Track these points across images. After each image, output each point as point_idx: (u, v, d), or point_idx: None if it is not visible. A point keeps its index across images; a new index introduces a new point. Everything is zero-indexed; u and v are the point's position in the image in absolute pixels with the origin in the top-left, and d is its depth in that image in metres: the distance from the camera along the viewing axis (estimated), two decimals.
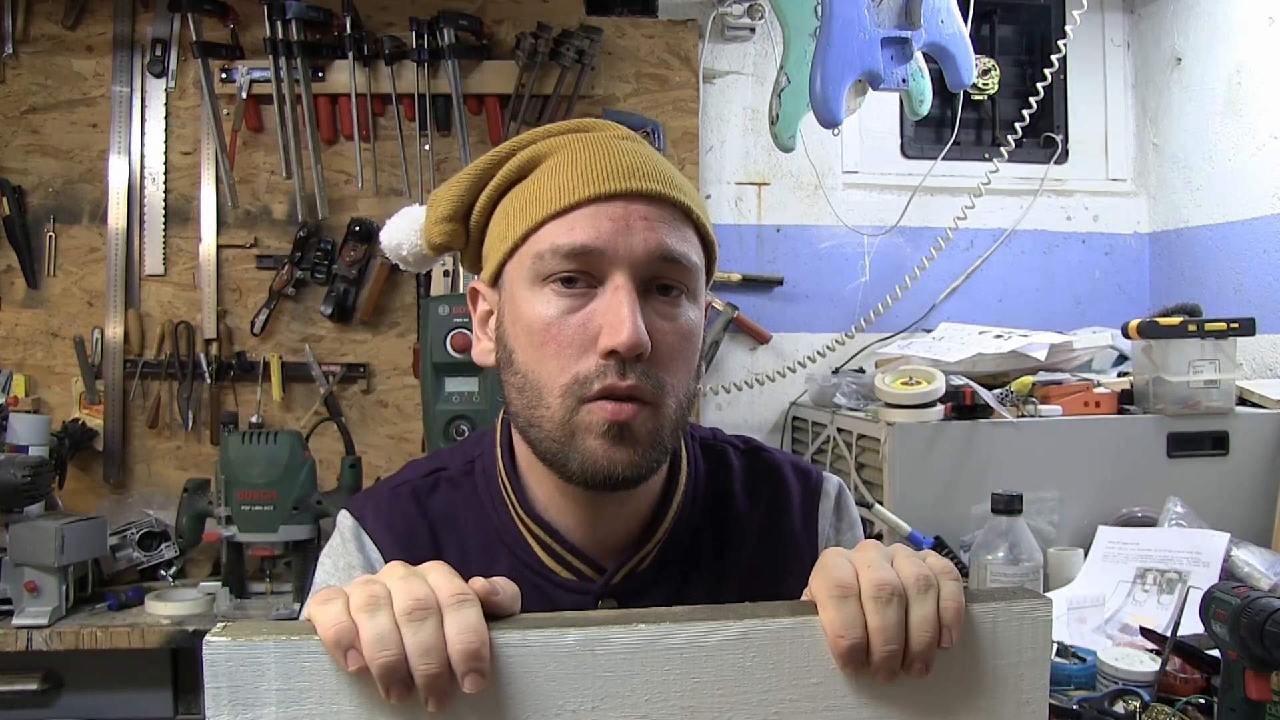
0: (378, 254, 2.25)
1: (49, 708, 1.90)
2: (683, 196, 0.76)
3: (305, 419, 2.23)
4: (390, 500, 0.86)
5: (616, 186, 0.73)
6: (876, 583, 0.59)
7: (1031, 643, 0.62)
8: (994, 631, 0.61)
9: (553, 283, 0.73)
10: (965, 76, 1.84)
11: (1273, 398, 1.87)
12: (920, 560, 0.62)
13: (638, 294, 0.73)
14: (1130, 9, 2.54)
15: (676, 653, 0.58)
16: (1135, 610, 1.53)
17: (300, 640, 0.55)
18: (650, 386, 0.72)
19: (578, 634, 0.57)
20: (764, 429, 2.38)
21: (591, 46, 2.21)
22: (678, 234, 0.75)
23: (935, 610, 0.59)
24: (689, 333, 0.76)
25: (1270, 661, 1.03)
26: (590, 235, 0.72)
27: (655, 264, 0.73)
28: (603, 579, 0.81)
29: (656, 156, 0.79)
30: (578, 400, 0.72)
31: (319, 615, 0.55)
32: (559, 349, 0.73)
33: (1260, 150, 2.15)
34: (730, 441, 0.93)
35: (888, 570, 0.60)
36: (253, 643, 0.54)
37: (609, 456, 0.72)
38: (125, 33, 2.21)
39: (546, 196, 0.75)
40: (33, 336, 2.21)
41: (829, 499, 0.91)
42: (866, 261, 2.43)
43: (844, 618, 0.58)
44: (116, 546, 2.05)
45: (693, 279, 0.76)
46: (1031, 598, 0.62)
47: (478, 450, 0.88)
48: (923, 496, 1.72)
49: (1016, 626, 0.62)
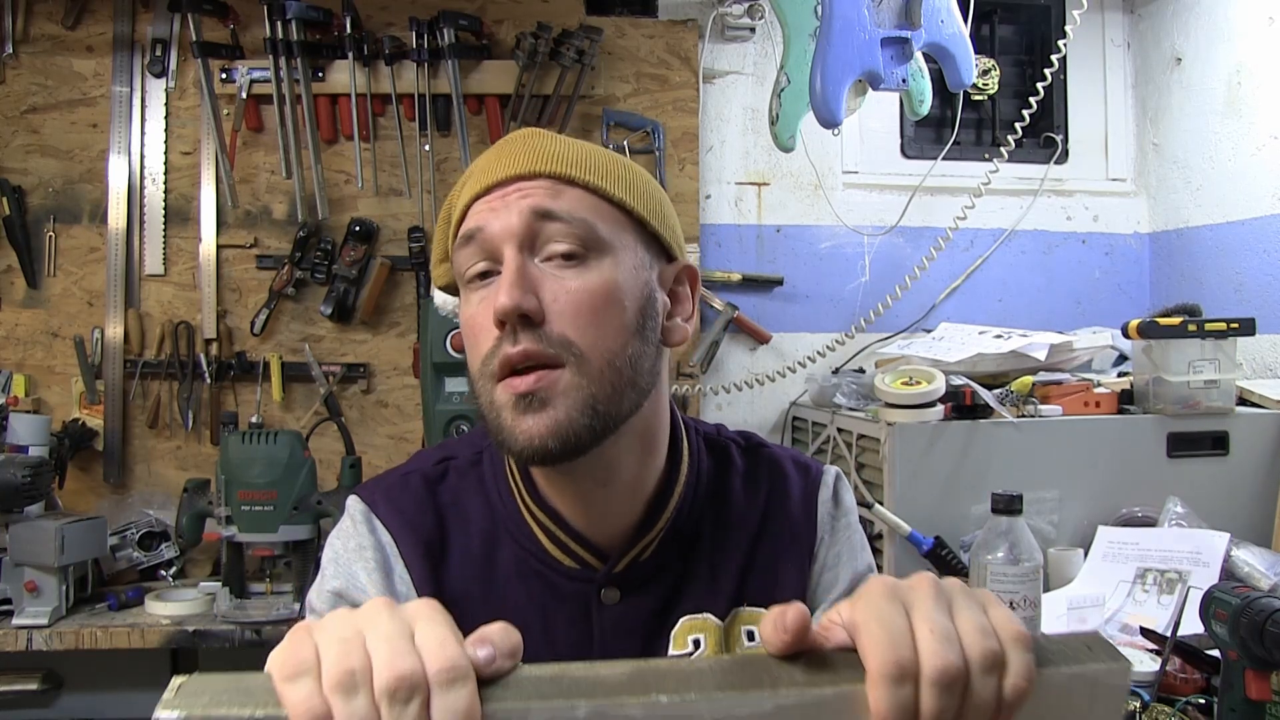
0: (378, 254, 2.25)
1: (49, 708, 1.90)
2: (566, 169, 0.77)
3: (305, 419, 2.23)
4: (400, 487, 0.87)
5: (493, 177, 0.77)
6: (942, 669, 0.50)
7: (1103, 711, 0.53)
8: (1064, 700, 0.52)
9: (470, 282, 0.78)
10: (965, 76, 1.84)
11: (1273, 398, 1.87)
12: (984, 617, 0.52)
13: (532, 263, 0.74)
14: (1130, 9, 2.54)
15: None
16: (1135, 610, 1.53)
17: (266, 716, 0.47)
18: (550, 348, 0.72)
19: (588, 707, 0.49)
20: (764, 429, 2.38)
21: (591, 46, 2.21)
22: (560, 196, 0.76)
23: (997, 693, 0.51)
24: (602, 290, 0.74)
25: (1270, 661, 1.04)
26: (478, 219, 0.76)
27: (535, 225, 0.75)
28: (605, 567, 0.82)
29: (555, 142, 0.79)
30: (491, 380, 0.74)
31: (289, 695, 0.47)
32: (476, 340, 0.76)
33: (1260, 150, 2.14)
34: (733, 438, 0.94)
35: (954, 648, 0.50)
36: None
37: (526, 430, 0.72)
38: (125, 33, 2.21)
39: (456, 211, 0.80)
40: (33, 336, 2.21)
41: (827, 488, 0.93)
42: (866, 261, 2.43)
43: (898, 706, 0.49)
44: (116, 546, 2.05)
45: (592, 234, 0.75)
46: (1108, 659, 0.52)
47: (485, 441, 0.88)
48: (923, 496, 1.72)
49: (1089, 695, 0.52)
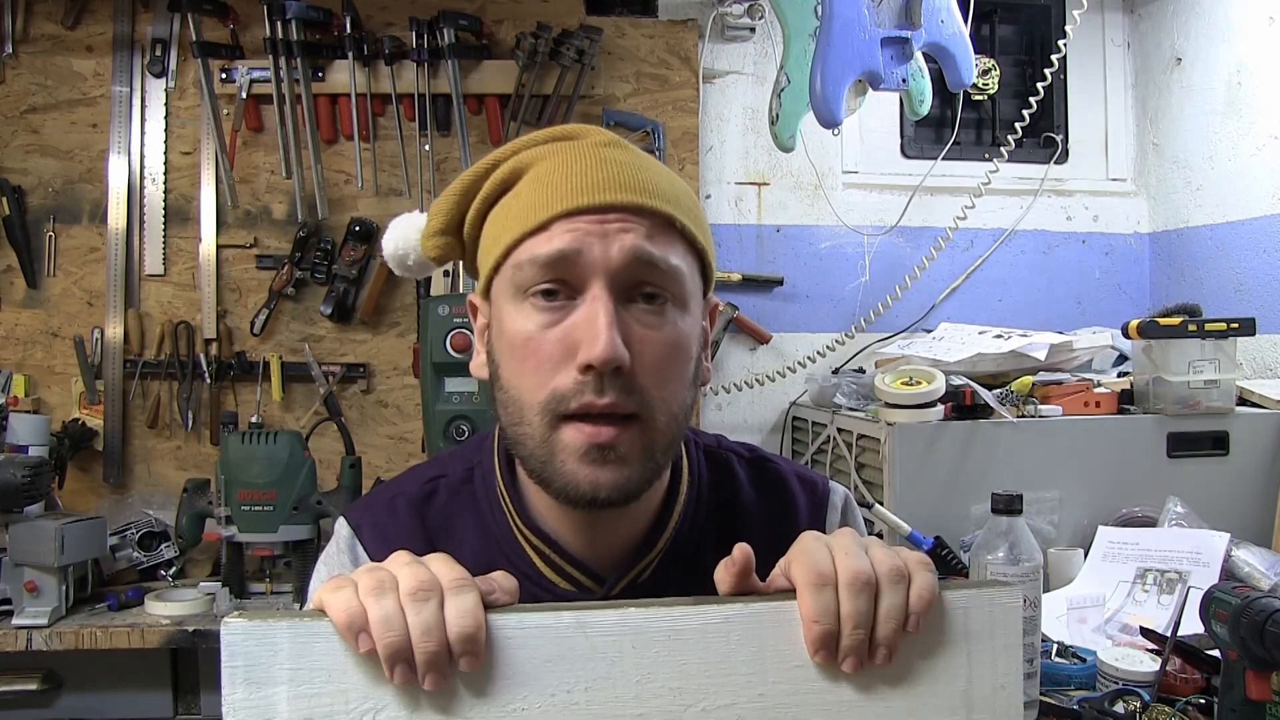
0: (378, 254, 2.25)
1: (49, 708, 1.90)
2: (666, 205, 0.74)
3: (305, 419, 2.23)
4: (388, 513, 0.85)
5: (594, 199, 0.72)
6: (852, 571, 0.61)
7: (1004, 629, 0.65)
8: (966, 618, 0.64)
9: (533, 296, 0.72)
10: (965, 76, 1.85)
11: (1273, 398, 1.87)
12: (895, 553, 0.64)
13: (619, 303, 0.71)
14: (1130, 9, 2.54)
15: (664, 635, 0.61)
16: (1135, 610, 1.53)
17: (311, 623, 0.59)
18: (633, 402, 0.71)
19: (571, 617, 0.61)
20: (764, 429, 2.38)
21: (591, 46, 2.21)
22: (658, 239, 0.73)
23: (905, 600, 0.62)
24: (677, 342, 0.74)
25: (1270, 661, 1.04)
26: (565, 242, 0.71)
27: (634, 269, 0.71)
28: (602, 590, 0.80)
29: (643, 164, 0.76)
30: (555, 417, 0.71)
31: (331, 600, 0.59)
32: (538, 364, 0.72)
33: (1260, 150, 2.14)
34: (734, 450, 0.92)
35: (863, 559, 0.62)
36: (267, 625, 0.58)
37: (591, 479, 0.71)
38: (125, 33, 2.20)
39: (526, 211, 0.74)
40: (33, 336, 2.21)
41: (836, 511, 0.90)
42: (866, 261, 2.43)
43: (820, 605, 0.61)
44: (116, 546, 2.05)
45: (679, 285, 0.74)
46: (1000, 586, 0.66)
47: (477, 457, 0.87)
48: (923, 496, 1.72)
49: (988, 613, 0.65)
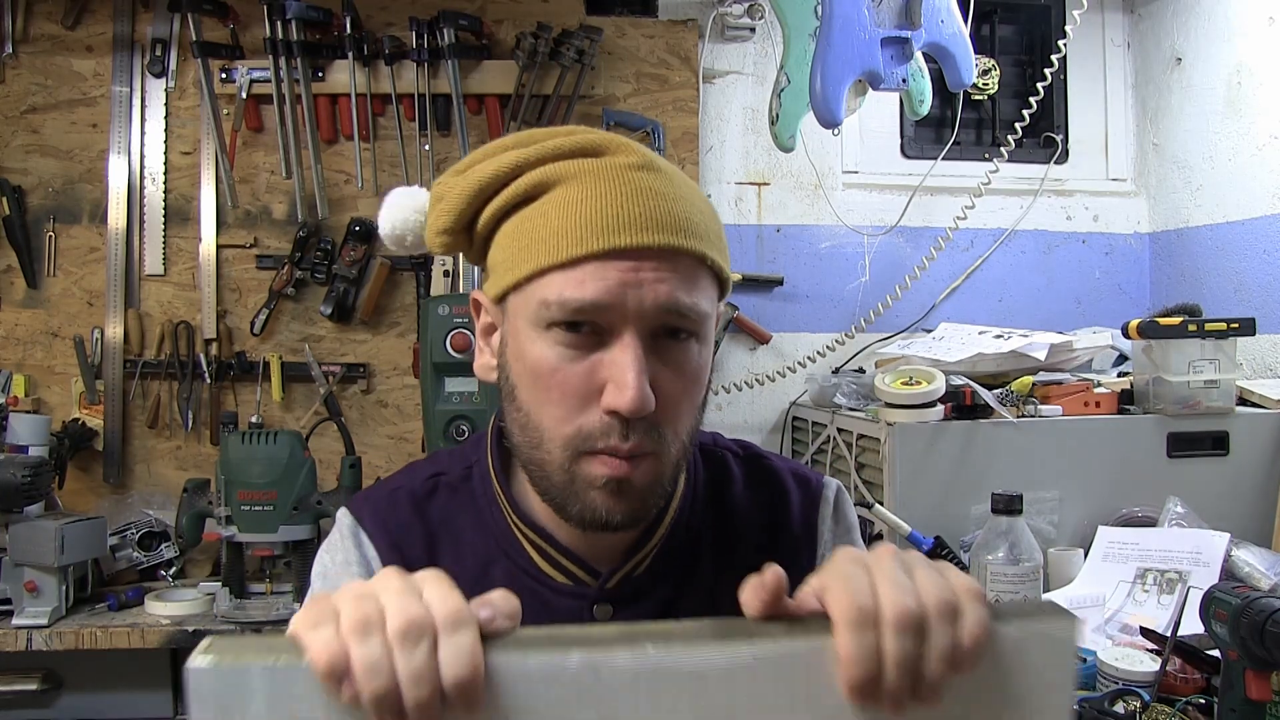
0: (378, 254, 2.25)
1: (49, 708, 1.89)
2: (699, 244, 0.73)
3: (305, 419, 2.23)
4: (388, 504, 0.85)
5: (628, 240, 0.70)
6: (900, 613, 0.53)
7: (1056, 665, 0.57)
8: (1018, 653, 0.56)
9: (557, 328, 0.72)
10: (965, 76, 1.85)
11: (1273, 398, 1.87)
12: (941, 578, 0.56)
13: (646, 344, 0.71)
14: (1130, 9, 2.54)
15: (685, 677, 0.54)
16: (1135, 610, 1.53)
17: (288, 665, 0.52)
18: (652, 441, 0.72)
19: (581, 656, 0.53)
20: (764, 429, 2.38)
21: (591, 46, 2.21)
22: (690, 284, 0.73)
23: (956, 639, 0.54)
24: (695, 374, 0.76)
25: (1270, 661, 1.04)
26: (598, 291, 0.70)
27: (665, 318, 0.72)
28: (598, 583, 0.81)
29: (675, 192, 0.74)
30: (579, 452, 0.72)
31: (311, 641, 0.52)
32: (562, 397, 0.72)
33: (1260, 150, 2.14)
34: (730, 447, 0.92)
35: (911, 595, 0.54)
36: (240, 666, 0.52)
37: (608, 507, 0.73)
38: (125, 33, 2.20)
39: (554, 239, 0.71)
40: (33, 336, 2.21)
41: (828, 504, 0.91)
42: (866, 261, 2.43)
43: (862, 648, 0.53)
44: (116, 546, 2.05)
45: (703, 325, 0.75)
46: (1057, 615, 0.57)
47: (475, 455, 0.87)
48: (923, 496, 1.72)
49: (1040, 648, 0.57)
